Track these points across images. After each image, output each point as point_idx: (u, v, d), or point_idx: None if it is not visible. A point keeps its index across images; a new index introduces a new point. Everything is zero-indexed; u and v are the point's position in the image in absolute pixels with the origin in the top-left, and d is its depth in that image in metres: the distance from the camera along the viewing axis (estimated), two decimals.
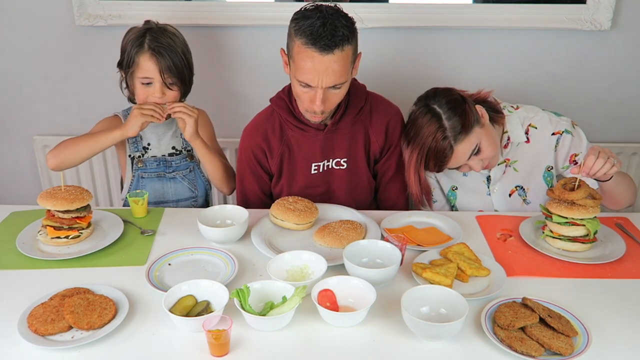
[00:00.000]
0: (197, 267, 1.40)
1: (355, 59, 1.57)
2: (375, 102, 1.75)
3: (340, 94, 1.57)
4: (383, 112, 1.75)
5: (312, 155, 1.73)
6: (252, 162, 1.76)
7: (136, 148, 1.87)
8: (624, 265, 1.42)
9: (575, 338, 1.13)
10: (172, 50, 1.70)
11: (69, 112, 2.43)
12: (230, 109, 2.42)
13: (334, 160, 1.74)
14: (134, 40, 1.70)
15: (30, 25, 2.27)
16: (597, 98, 2.37)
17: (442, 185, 1.81)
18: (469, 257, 1.40)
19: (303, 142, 1.72)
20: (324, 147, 1.72)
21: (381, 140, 1.75)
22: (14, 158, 2.54)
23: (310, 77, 1.49)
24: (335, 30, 1.45)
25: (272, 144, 1.73)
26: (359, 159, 1.75)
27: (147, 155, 1.88)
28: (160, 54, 1.68)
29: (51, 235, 1.47)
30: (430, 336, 1.13)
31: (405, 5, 2.20)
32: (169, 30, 1.75)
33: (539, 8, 2.19)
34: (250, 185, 1.81)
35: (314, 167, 1.74)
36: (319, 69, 1.47)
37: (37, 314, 1.17)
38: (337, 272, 1.30)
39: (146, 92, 1.72)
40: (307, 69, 1.48)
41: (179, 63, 1.71)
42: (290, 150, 1.74)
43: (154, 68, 1.68)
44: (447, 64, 2.33)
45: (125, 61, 1.71)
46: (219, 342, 1.08)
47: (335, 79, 1.49)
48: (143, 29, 1.72)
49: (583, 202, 1.45)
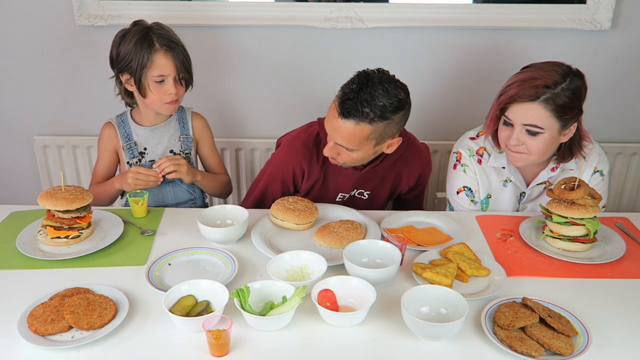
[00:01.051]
0: (197, 267, 1.40)
1: (381, 138, 1.55)
2: (412, 149, 1.77)
3: (353, 157, 1.59)
4: (419, 163, 1.80)
5: (343, 187, 1.77)
6: (287, 176, 1.76)
7: (132, 154, 1.85)
8: (624, 265, 1.42)
9: (575, 338, 1.13)
10: (180, 44, 1.73)
11: (69, 112, 2.43)
12: (230, 109, 2.42)
13: (358, 191, 1.79)
14: (139, 41, 1.68)
15: (30, 25, 2.27)
16: (597, 98, 2.37)
17: (480, 189, 1.76)
18: (469, 257, 1.40)
19: (339, 175, 1.75)
20: (354, 183, 1.76)
21: (411, 184, 1.83)
22: (14, 158, 2.54)
23: (328, 127, 1.57)
24: (363, 103, 1.47)
25: (313, 170, 1.74)
26: (383, 194, 1.81)
27: (144, 160, 1.86)
28: (173, 49, 1.70)
29: (51, 235, 1.46)
30: (430, 336, 1.13)
31: (405, 5, 2.20)
32: (165, 27, 1.75)
33: (539, 8, 2.19)
34: (273, 193, 1.80)
35: (340, 195, 1.79)
36: (333, 124, 1.53)
37: (37, 314, 1.17)
38: (337, 272, 1.30)
39: (160, 90, 1.72)
40: (328, 118, 1.55)
41: (188, 57, 1.76)
42: (325, 179, 1.76)
43: (170, 64, 1.69)
44: (447, 64, 2.33)
45: (137, 63, 1.68)
46: (219, 342, 1.08)
47: (343, 142, 1.54)
48: (142, 29, 1.71)
49: (583, 201, 1.45)
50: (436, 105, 2.42)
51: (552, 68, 1.53)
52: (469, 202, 1.76)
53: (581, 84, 1.54)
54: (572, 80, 1.51)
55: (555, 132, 1.54)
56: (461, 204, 1.78)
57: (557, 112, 1.50)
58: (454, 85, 2.37)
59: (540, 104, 1.50)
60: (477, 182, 1.75)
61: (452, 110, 2.41)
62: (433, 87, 2.39)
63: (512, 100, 1.53)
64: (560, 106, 1.50)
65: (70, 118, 2.44)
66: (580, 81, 1.54)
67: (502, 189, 1.75)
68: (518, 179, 1.72)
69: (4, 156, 2.54)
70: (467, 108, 2.40)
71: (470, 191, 1.76)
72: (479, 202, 1.77)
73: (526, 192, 1.73)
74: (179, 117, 1.89)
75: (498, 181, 1.74)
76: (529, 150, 1.57)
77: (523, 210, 1.75)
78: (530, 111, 1.51)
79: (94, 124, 2.41)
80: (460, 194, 1.77)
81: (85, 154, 2.46)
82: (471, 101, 2.38)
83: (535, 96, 1.50)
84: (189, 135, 1.90)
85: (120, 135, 1.84)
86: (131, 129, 1.85)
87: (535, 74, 1.52)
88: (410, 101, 1.57)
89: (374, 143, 1.55)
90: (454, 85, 2.38)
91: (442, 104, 2.41)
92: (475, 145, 1.75)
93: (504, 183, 1.74)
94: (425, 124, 2.44)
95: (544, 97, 1.49)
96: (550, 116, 1.51)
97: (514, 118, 1.55)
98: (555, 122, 1.52)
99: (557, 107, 1.50)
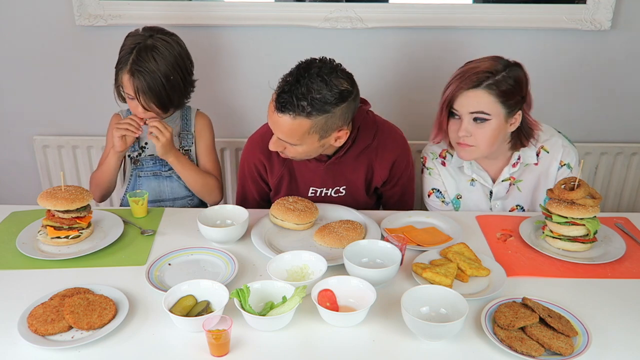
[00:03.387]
0: (197, 267, 1.40)
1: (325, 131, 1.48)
2: (383, 137, 1.69)
3: (299, 151, 1.53)
4: (390, 150, 1.71)
5: (311, 182, 1.74)
6: (253, 173, 1.77)
7: (133, 148, 1.88)
8: (624, 265, 1.42)
9: (575, 338, 1.13)
10: (151, 74, 1.67)
11: (69, 112, 2.43)
12: (230, 109, 2.42)
13: (333, 189, 1.75)
14: (123, 54, 1.71)
15: (30, 25, 2.26)
16: (597, 98, 2.38)
17: (448, 190, 1.78)
18: (469, 257, 1.40)
19: (304, 169, 1.72)
20: (324, 176, 1.72)
21: (384, 175, 1.74)
22: (14, 158, 2.54)
23: (269, 121, 1.52)
24: (299, 96, 1.40)
25: (274, 164, 1.72)
26: (359, 187, 1.75)
27: (144, 154, 1.89)
28: (137, 76, 1.67)
29: (51, 235, 1.46)
30: (430, 336, 1.13)
31: (405, 5, 2.20)
32: (159, 48, 1.70)
33: (539, 8, 2.19)
34: (250, 191, 1.82)
35: (311, 190, 1.75)
36: (272, 119, 1.49)
37: (37, 314, 1.17)
38: (337, 272, 1.30)
39: (132, 104, 1.76)
40: (268, 113, 1.50)
41: (157, 87, 1.68)
42: (290, 174, 1.74)
43: (131, 87, 1.69)
44: (447, 64, 2.33)
45: (116, 74, 1.75)
46: (219, 342, 1.08)
47: (284, 136, 1.49)
48: (134, 44, 1.70)
49: (583, 201, 1.45)
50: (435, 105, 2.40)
51: (491, 59, 1.58)
52: (440, 203, 1.80)
53: (521, 73, 1.58)
54: (512, 69, 1.56)
55: (502, 120, 1.57)
56: (433, 206, 1.81)
57: (501, 97, 1.53)
58: None
59: (484, 89, 1.53)
60: (443, 184, 1.78)
61: None
62: (433, 87, 2.38)
63: (456, 90, 1.56)
64: (503, 92, 1.53)
65: (70, 118, 2.44)
66: (519, 70, 1.58)
67: (471, 189, 1.77)
68: (482, 177, 1.74)
69: (4, 156, 2.54)
70: None
71: (439, 192, 1.79)
72: (450, 203, 1.79)
73: (493, 190, 1.74)
74: (182, 115, 1.92)
75: (465, 181, 1.77)
76: (477, 142, 1.59)
77: (495, 208, 1.77)
78: (475, 98, 1.54)
79: (94, 124, 2.42)
80: (430, 197, 1.80)
81: (85, 154, 2.46)
82: None
83: (478, 82, 1.53)
84: (190, 132, 1.91)
85: None
86: None
87: (475, 65, 1.57)
88: (356, 90, 1.49)
89: (317, 137, 1.48)
90: None
91: None
92: (439, 148, 1.78)
93: (471, 182, 1.76)
94: (425, 124, 2.43)
95: (486, 83, 1.53)
96: (495, 102, 1.54)
97: (459, 108, 1.58)
98: (500, 109, 1.55)
99: (500, 93, 1.53)
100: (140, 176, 1.91)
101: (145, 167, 1.90)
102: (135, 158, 1.89)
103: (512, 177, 1.73)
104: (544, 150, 1.71)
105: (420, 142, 2.42)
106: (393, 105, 2.38)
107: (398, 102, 2.40)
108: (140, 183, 1.91)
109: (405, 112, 2.40)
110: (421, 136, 2.44)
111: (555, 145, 1.71)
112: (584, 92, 2.35)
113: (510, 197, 1.75)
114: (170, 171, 1.90)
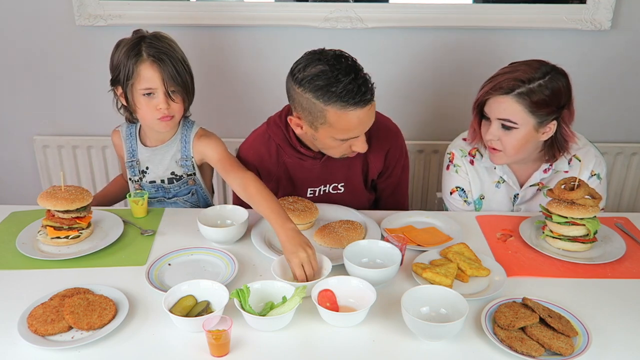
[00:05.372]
0: (197, 267, 1.40)
1: None
2: (376, 129, 1.63)
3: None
4: (383, 140, 1.71)
5: (309, 181, 1.73)
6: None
7: (133, 172, 1.75)
8: (624, 265, 1.42)
9: (575, 338, 1.13)
10: (172, 56, 1.57)
11: (69, 112, 2.43)
12: (231, 109, 2.42)
13: (331, 185, 1.74)
14: (128, 50, 1.55)
15: (30, 25, 2.27)
16: (597, 98, 2.38)
17: (473, 190, 1.77)
18: (469, 257, 1.40)
19: (300, 169, 1.71)
20: (320, 174, 1.71)
21: (379, 166, 1.74)
22: (14, 158, 2.54)
23: (357, 130, 1.48)
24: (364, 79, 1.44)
25: (269, 168, 1.71)
26: (357, 182, 1.75)
27: (145, 179, 1.75)
28: (161, 60, 1.55)
29: (51, 235, 1.46)
30: (430, 336, 1.13)
31: (405, 5, 2.20)
32: (164, 36, 1.61)
33: (539, 8, 2.19)
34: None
35: (310, 191, 1.75)
36: (364, 121, 1.47)
37: (37, 314, 1.17)
38: (337, 272, 1.30)
39: (150, 105, 1.57)
40: (353, 126, 1.46)
41: (181, 69, 1.58)
42: (286, 175, 1.73)
43: (156, 76, 1.55)
44: (447, 64, 2.33)
45: (123, 74, 1.56)
46: (219, 342, 1.08)
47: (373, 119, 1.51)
48: (135, 38, 1.57)
49: (583, 201, 1.45)
50: (436, 105, 2.42)
51: (531, 65, 1.53)
52: (462, 202, 1.77)
53: (562, 83, 1.52)
54: (553, 79, 1.50)
55: (530, 129, 1.53)
56: (455, 204, 1.78)
57: (531, 107, 1.49)
58: (454, 85, 2.38)
59: (513, 97, 1.50)
60: (469, 183, 1.75)
61: (452, 110, 2.41)
62: (433, 87, 2.39)
63: (487, 94, 1.54)
64: (535, 102, 1.49)
65: (70, 118, 2.44)
66: (561, 79, 1.52)
67: (495, 191, 1.75)
68: (511, 179, 1.72)
69: (4, 156, 2.54)
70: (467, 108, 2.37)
71: (463, 191, 1.76)
72: (472, 203, 1.77)
73: (520, 193, 1.73)
74: (182, 137, 1.71)
75: (490, 182, 1.75)
76: (504, 147, 1.57)
77: (517, 212, 1.75)
78: (503, 105, 1.52)
79: (94, 124, 2.43)
80: (453, 195, 1.77)
81: (85, 154, 2.46)
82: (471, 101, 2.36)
83: (508, 89, 1.50)
84: (189, 158, 1.71)
85: (126, 149, 1.75)
86: (137, 146, 1.74)
87: (514, 69, 1.53)
88: None
89: None
90: (453, 85, 2.38)
91: (441, 103, 2.41)
92: (468, 146, 1.75)
93: (496, 184, 1.74)
94: (425, 123, 2.44)
95: (517, 91, 1.49)
96: (524, 111, 1.50)
97: (489, 112, 1.56)
98: (530, 118, 1.51)
99: (531, 103, 1.49)
100: None
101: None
102: (137, 182, 1.77)
103: (541, 182, 1.71)
104: (575, 158, 1.68)
105: (420, 142, 2.43)
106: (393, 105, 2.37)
107: (398, 102, 2.40)
108: None
109: (405, 112, 2.40)
110: (421, 136, 2.45)
111: (588, 154, 1.68)
112: (583, 92, 2.35)
113: (535, 202, 1.72)
114: (174, 198, 1.78)
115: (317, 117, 1.46)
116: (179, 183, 1.75)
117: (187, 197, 1.79)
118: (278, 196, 1.72)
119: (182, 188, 1.76)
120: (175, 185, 1.75)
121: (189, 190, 1.77)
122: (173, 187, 1.75)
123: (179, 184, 1.75)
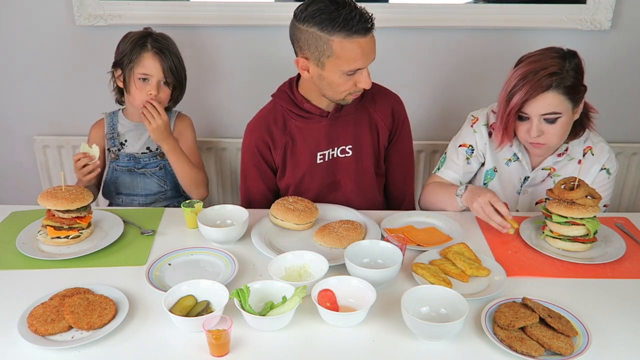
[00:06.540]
0: (197, 267, 1.40)
1: None
2: (377, 88, 1.77)
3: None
4: (386, 97, 1.80)
5: (317, 144, 1.73)
6: (255, 157, 1.76)
7: (113, 143, 1.96)
8: (624, 265, 1.42)
9: (575, 338, 1.13)
10: (173, 52, 1.84)
11: (69, 112, 2.43)
12: (229, 109, 2.42)
13: (339, 148, 1.75)
14: (136, 40, 1.81)
15: (30, 25, 2.27)
16: (597, 98, 2.37)
17: (487, 160, 1.78)
18: (469, 257, 1.40)
19: (307, 131, 1.72)
20: (328, 134, 1.73)
21: (389, 122, 1.79)
22: (14, 158, 2.54)
23: (362, 61, 1.54)
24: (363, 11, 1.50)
25: (275, 136, 1.74)
26: (365, 146, 1.76)
27: (123, 151, 1.96)
28: (163, 53, 1.81)
29: (51, 235, 1.47)
30: (430, 336, 1.13)
31: (405, 5, 2.20)
32: (168, 37, 1.87)
33: (539, 8, 2.19)
34: (254, 183, 1.81)
35: (319, 156, 1.75)
36: (367, 51, 1.54)
37: (37, 314, 1.17)
38: (337, 272, 1.30)
39: (143, 89, 1.81)
40: (358, 55, 1.52)
41: (179, 66, 1.86)
42: (293, 141, 1.74)
43: (156, 66, 1.80)
44: (447, 64, 2.33)
45: (127, 59, 1.80)
46: (219, 342, 1.08)
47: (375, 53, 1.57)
48: (144, 33, 1.84)
49: (582, 201, 1.45)
50: (436, 105, 2.42)
51: (549, 54, 1.57)
52: (464, 159, 1.79)
53: (578, 61, 1.58)
54: (571, 61, 1.56)
55: (570, 113, 1.58)
56: (456, 157, 1.80)
57: (568, 94, 1.54)
58: (454, 85, 2.38)
59: (554, 91, 1.52)
60: (480, 149, 1.78)
61: (452, 110, 2.41)
62: (433, 86, 2.39)
63: (526, 96, 1.54)
64: (570, 87, 1.53)
65: (70, 118, 2.44)
66: (577, 58, 1.58)
67: (504, 168, 1.77)
68: (525, 159, 1.73)
69: (4, 156, 2.54)
70: (467, 108, 2.37)
71: (472, 151, 1.78)
72: (473, 165, 1.79)
73: (530, 175, 1.74)
74: None
75: (502, 159, 1.76)
76: (548, 139, 1.59)
77: (524, 194, 1.77)
78: (546, 100, 1.54)
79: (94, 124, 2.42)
80: (461, 148, 1.79)
81: None
82: (471, 101, 2.37)
83: (547, 86, 1.52)
84: None
85: (107, 124, 1.97)
86: (118, 120, 1.97)
87: (537, 66, 1.55)
88: None
89: None
90: (453, 85, 2.38)
91: (442, 103, 2.41)
92: (492, 119, 1.76)
93: (507, 162, 1.75)
94: (425, 123, 2.44)
95: (555, 84, 1.52)
96: (564, 99, 1.54)
97: (530, 112, 1.57)
98: (569, 104, 1.56)
99: (568, 90, 1.53)
100: (117, 170, 1.97)
101: (120, 162, 1.95)
102: (115, 153, 1.95)
103: (553, 167, 1.72)
104: (590, 151, 1.70)
105: (420, 142, 2.43)
106: None
107: None
108: (116, 176, 1.98)
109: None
110: (421, 135, 2.44)
111: (602, 150, 1.71)
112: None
113: (542, 187, 1.74)
114: (142, 169, 1.96)
115: (324, 51, 1.53)
116: (149, 155, 1.96)
117: (155, 170, 1.98)
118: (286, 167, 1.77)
119: (151, 161, 1.96)
120: (145, 157, 1.95)
121: (157, 164, 1.97)
122: (143, 158, 1.95)
123: (149, 157, 1.96)
